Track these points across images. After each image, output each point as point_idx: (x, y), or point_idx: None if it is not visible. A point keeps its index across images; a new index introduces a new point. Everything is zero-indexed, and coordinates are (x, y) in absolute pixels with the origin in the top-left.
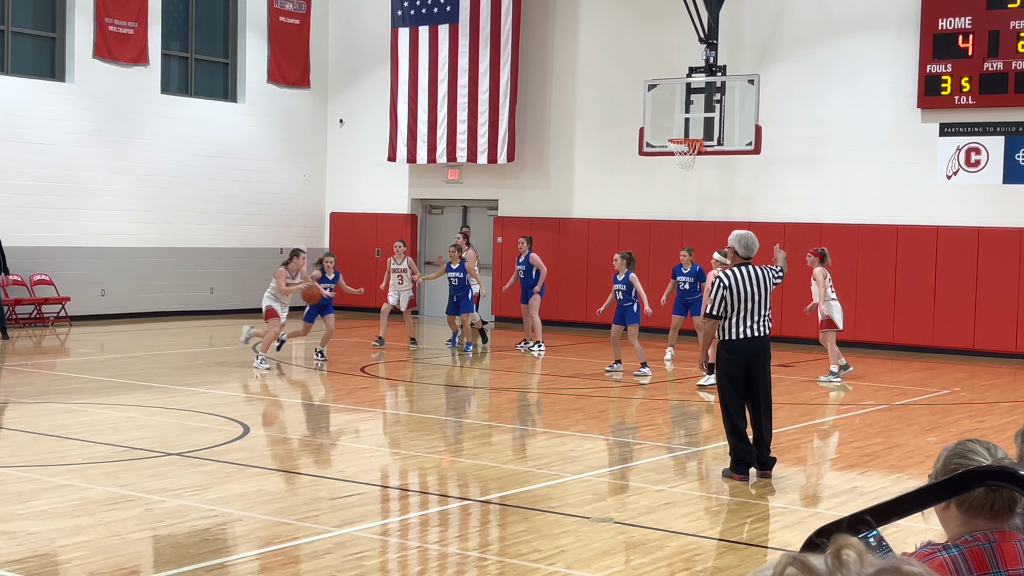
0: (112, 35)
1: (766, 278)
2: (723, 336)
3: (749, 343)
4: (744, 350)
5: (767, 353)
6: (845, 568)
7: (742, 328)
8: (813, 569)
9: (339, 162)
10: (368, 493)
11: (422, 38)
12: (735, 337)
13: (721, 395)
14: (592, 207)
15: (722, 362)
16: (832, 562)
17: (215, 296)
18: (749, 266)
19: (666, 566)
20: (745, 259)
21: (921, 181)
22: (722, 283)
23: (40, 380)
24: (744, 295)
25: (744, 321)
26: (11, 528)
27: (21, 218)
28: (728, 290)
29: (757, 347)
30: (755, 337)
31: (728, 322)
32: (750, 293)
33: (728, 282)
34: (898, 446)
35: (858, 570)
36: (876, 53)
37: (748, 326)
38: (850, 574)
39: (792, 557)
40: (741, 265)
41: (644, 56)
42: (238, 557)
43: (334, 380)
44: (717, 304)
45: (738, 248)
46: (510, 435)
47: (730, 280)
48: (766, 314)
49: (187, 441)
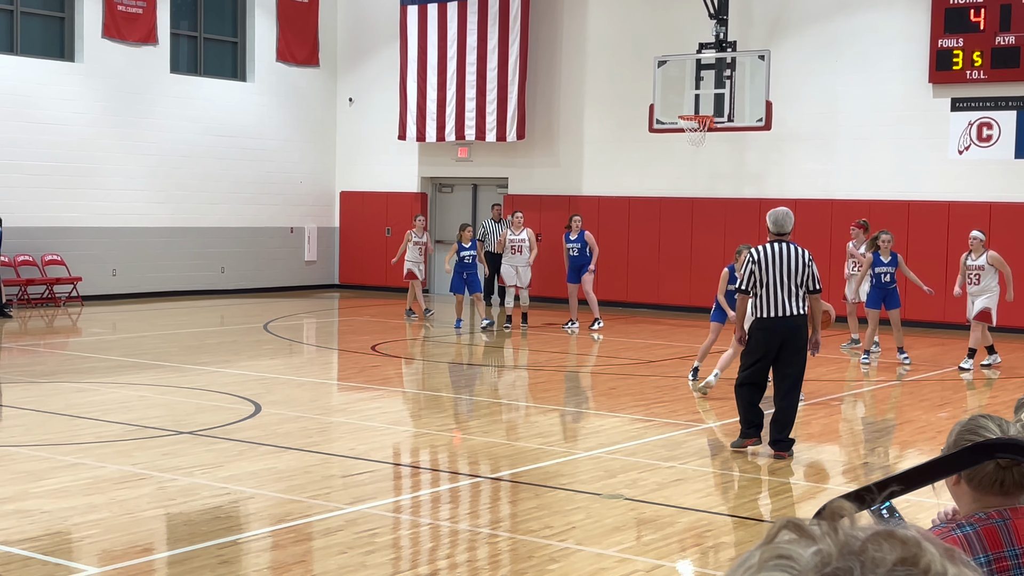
0: (121, 15)
1: (800, 257)
2: (756, 314)
3: (781, 322)
4: (776, 329)
5: (801, 332)
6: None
7: (774, 306)
8: (807, 532)
9: (349, 141)
10: (380, 471)
11: (431, 16)
12: (767, 315)
13: (744, 367)
14: (602, 185)
15: (754, 339)
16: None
17: (226, 275)
18: (783, 243)
19: (677, 542)
20: (778, 235)
21: (933, 156)
22: (751, 258)
23: (52, 360)
24: (773, 271)
25: (775, 299)
26: (24, 506)
27: (32, 199)
28: (756, 265)
29: (790, 326)
30: (788, 316)
31: (759, 300)
32: (781, 270)
33: (757, 257)
34: (909, 422)
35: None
36: (887, 28)
37: (780, 304)
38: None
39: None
40: (774, 242)
41: (654, 32)
42: (250, 534)
43: (345, 358)
44: (746, 279)
45: (769, 225)
46: (520, 412)
47: (759, 256)
48: (800, 293)
49: (199, 420)
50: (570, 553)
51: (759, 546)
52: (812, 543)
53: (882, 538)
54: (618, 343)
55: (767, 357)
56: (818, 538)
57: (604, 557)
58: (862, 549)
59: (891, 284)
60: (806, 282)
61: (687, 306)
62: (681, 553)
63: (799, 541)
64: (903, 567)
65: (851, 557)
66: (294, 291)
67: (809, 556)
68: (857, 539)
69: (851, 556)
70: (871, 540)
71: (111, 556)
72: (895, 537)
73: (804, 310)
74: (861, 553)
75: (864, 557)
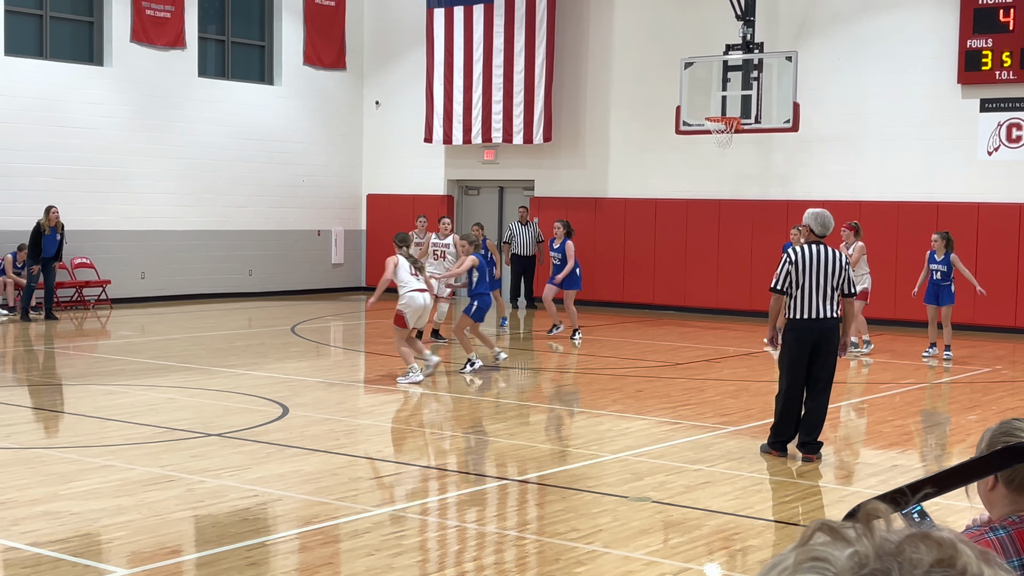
0: (149, 19)
1: (837, 260)
2: (789, 315)
3: (815, 324)
4: (810, 330)
5: (834, 335)
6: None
7: (808, 308)
8: (841, 534)
9: (375, 144)
10: (407, 473)
11: (457, 18)
12: (800, 317)
13: (781, 374)
14: (628, 187)
15: (787, 342)
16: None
17: (253, 278)
18: (821, 245)
19: (704, 545)
20: (820, 237)
21: (962, 158)
22: (788, 259)
23: (82, 362)
24: (810, 273)
25: (810, 301)
26: (54, 508)
27: (61, 202)
28: (793, 266)
29: (823, 328)
30: (821, 318)
31: (793, 300)
32: (818, 272)
33: (795, 258)
34: (939, 424)
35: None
36: (915, 28)
37: (814, 306)
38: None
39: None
40: (813, 243)
41: (680, 34)
42: (278, 536)
43: (372, 360)
44: (782, 279)
45: (814, 226)
46: (547, 415)
47: (796, 256)
48: (835, 296)
49: (227, 422)
50: (597, 556)
51: (793, 548)
52: (847, 545)
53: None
54: (645, 345)
55: (802, 359)
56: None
57: (631, 560)
58: (899, 550)
59: (943, 281)
60: (841, 285)
61: (714, 308)
62: (709, 556)
63: (834, 543)
64: (940, 568)
65: (888, 558)
66: (321, 294)
67: (845, 558)
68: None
69: (888, 557)
70: (907, 541)
71: (140, 558)
72: (931, 539)
73: (838, 313)
74: (898, 554)
75: (901, 558)
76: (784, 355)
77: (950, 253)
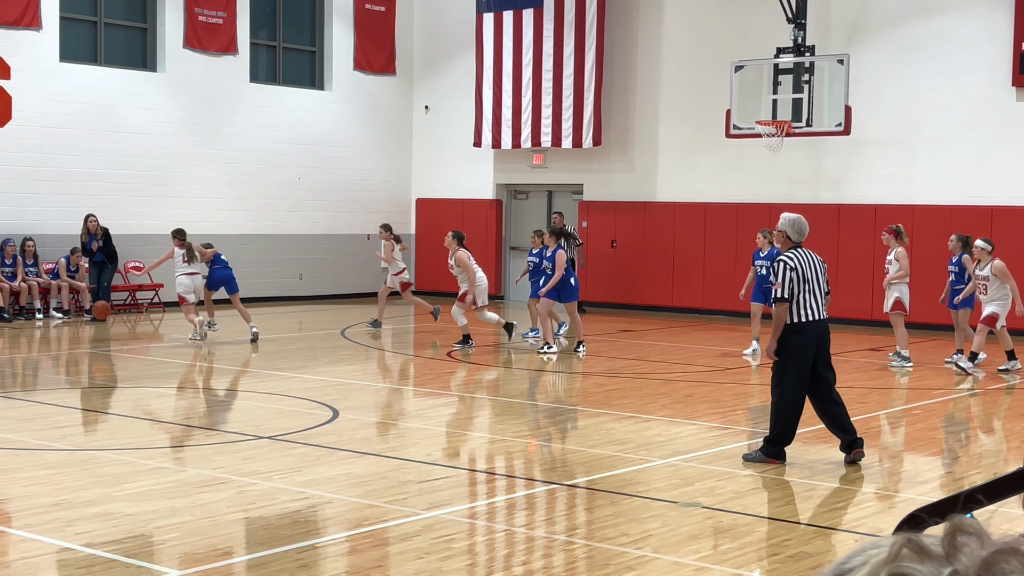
0: (202, 25)
1: (821, 263)
2: (793, 319)
3: (818, 325)
4: (815, 331)
5: (829, 335)
6: (962, 551)
7: (810, 310)
8: (929, 552)
9: (425, 148)
10: (455, 476)
11: (506, 23)
12: (805, 319)
13: (787, 380)
14: (677, 190)
15: (793, 346)
16: (948, 545)
17: (304, 282)
18: (805, 249)
19: (755, 551)
20: (796, 244)
21: (1016, 161)
22: (788, 265)
23: (135, 365)
24: (807, 276)
25: (810, 303)
26: (108, 509)
27: (115, 206)
28: (795, 272)
29: (825, 329)
30: (822, 319)
31: (796, 304)
32: (812, 275)
33: (795, 263)
34: (991, 431)
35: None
36: (968, 31)
37: (814, 308)
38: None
39: (907, 539)
40: (798, 247)
41: (730, 37)
42: (328, 539)
43: (421, 364)
44: (786, 286)
45: (790, 232)
46: (596, 419)
47: (796, 262)
48: (824, 298)
49: (278, 425)
50: (647, 561)
51: (880, 563)
52: (936, 562)
53: (1009, 554)
54: (695, 350)
55: (808, 363)
56: (940, 558)
57: (681, 566)
58: (992, 562)
59: (957, 284)
60: (824, 286)
61: (765, 313)
62: (759, 563)
63: (919, 559)
64: None
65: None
66: (371, 297)
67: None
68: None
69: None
70: (999, 556)
71: (192, 559)
72: (1020, 554)
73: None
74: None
75: (995, 570)
76: (790, 361)
77: (965, 255)
